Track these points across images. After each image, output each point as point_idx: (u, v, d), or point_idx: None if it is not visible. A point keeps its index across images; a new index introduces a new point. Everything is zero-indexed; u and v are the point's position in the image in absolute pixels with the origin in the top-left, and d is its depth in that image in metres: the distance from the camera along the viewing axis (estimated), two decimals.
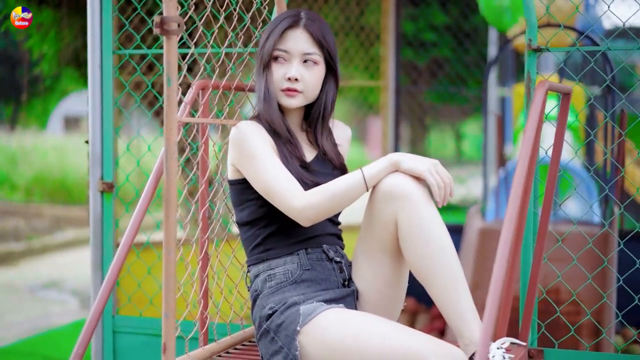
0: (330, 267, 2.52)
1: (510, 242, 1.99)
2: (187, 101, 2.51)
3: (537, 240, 2.62)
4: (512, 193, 2.05)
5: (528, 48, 2.68)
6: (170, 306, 2.24)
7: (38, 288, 8.79)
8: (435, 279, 2.33)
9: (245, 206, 2.54)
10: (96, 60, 3.12)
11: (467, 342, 2.29)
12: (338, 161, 2.65)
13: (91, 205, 3.16)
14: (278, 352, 2.37)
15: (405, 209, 2.34)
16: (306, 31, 2.56)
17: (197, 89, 2.58)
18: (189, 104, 2.51)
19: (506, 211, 2.02)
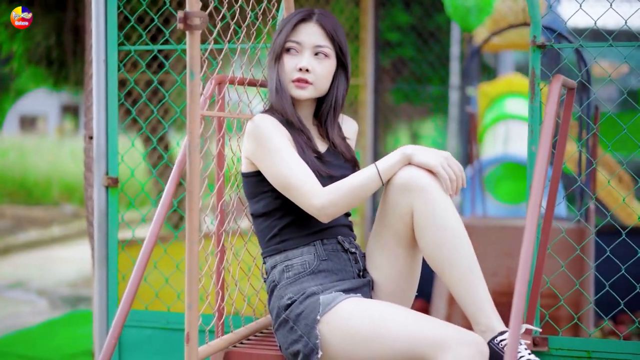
0: (345, 257, 2.58)
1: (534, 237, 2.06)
2: (207, 95, 2.55)
3: (542, 233, 2.69)
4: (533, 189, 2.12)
5: (532, 44, 2.75)
6: (194, 297, 2.28)
7: (3, 288, 8.73)
8: (452, 269, 2.40)
9: (261, 198, 2.59)
10: (101, 56, 3.14)
11: (484, 329, 2.35)
12: (349, 154, 2.70)
13: (96, 200, 3.18)
14: (297, 341, 2.42)
15: (421, 201, 2.40)
16: (318, 25, 2.61)
17: (216, 84, 2.61)
18: (208, 98, 2.55)
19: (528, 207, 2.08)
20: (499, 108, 10.01)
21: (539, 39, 2.75)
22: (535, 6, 2.74)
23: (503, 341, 2.31)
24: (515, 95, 10.02)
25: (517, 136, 9.43)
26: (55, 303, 8.03)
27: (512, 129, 9.59)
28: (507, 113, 9.86)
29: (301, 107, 2.67)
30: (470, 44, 11.18)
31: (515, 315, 1.92)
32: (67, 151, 18.06)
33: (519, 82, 10.28)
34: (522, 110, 9.94)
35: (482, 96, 10.22)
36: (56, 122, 26.58)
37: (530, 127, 2.76)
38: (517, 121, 9.58)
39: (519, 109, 9.85)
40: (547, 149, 2.20)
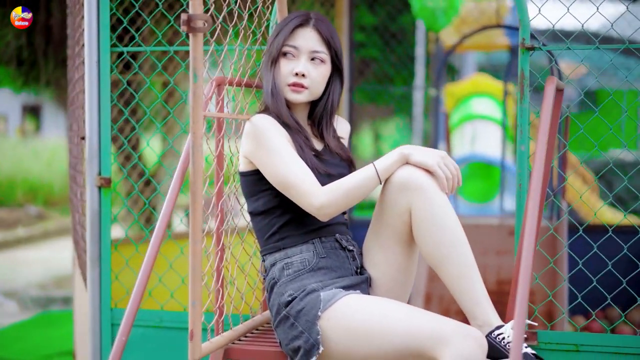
0: (343, 255, 2.64)
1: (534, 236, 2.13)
2: (208, 96, 2.59)
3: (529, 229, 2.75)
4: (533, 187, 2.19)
5: (522, 47, 2.82)
6: (197, 295, 2.33)
7: None
8: (449, 265, 2.46)
9: (260, 196, 2.63)
10: (93, 57, 3.17)
11: (481, 324, 2.42)
12: (345, 154, 2.76)
13: (88, 200, 3.20)
14: (298, 337, 2.47)
15: (420, 199, 2.47)
16: (315, 30, 2.67)
17: (216, 85, 2.65)
18: (209, 99, 2.59)
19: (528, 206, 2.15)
20: (466, 108, 10.15)
21: (528, 41, 2.82)
22: (524, 9, 2.82)
23: (500, 335, 2.38)
24: (481, 96, 10.16)
25: (483, 136, 9.57)
26: (25, 305, 7.99)
27: (478, 128, 9.74)
28: (473, 113, 9.99)
29: (296, 109, 2.72)
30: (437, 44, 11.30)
31: (520, 310, 1.99)
32: (29, 152, 17.92)
33: (485, 83, 10.42)
34: (488, 110, 10.08)
35: (449, 96, 10.34)
36: (16, 123, 26.32)
37: (519, 127, 2.83)
38: (484, 121, 9.73)
39: (485, 109, 9.99)
40: (544, 148, 2.27)
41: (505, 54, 12.87)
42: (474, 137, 9.68)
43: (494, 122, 9.94)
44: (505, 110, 9.67)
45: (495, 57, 15.58)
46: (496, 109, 10.12)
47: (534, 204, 2.15)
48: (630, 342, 2.84)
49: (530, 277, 2.05)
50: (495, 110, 10.11)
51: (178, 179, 2.46)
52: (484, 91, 10.19)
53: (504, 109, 8.08)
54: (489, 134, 9.65)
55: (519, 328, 1.99)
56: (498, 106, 10.07)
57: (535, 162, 2.24)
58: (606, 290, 3.02)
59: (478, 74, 11.49)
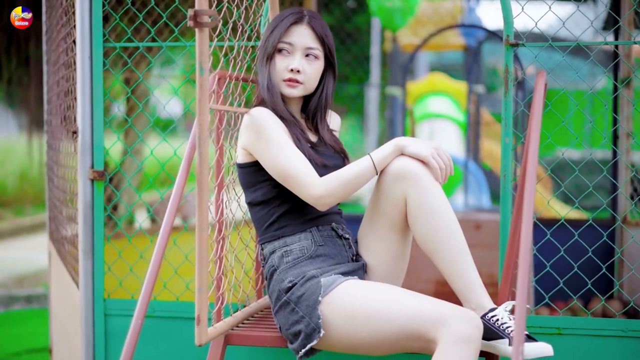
0: (340, 243, 2.74)
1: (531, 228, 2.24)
2: (211, 90, 2.67)
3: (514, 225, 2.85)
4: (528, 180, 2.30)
5: (506, 43, 2.94)
6: (204, 281, 2.41)
7: None
8: (443, 252, 2.58)
9: (259, 187, 2.72)
10: (86, 52, 3.22)
11: (475, 307, 2.54)
12: (338, 146, 2.86)
13: (81, 193, 3.25)
14: (299, 321, 2.56)
15: (415, 189, 2.58)
16: (310, 27, 2.77)
17: (216, 79, 2.73)
18: (212, 92, 2.67)
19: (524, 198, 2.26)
20: (423, 107, 10.32)
21: (511, 38, 2.94)
22: (508, 7, 2.94)
23: (494, 317, 2.50)
24: (438, 94, 10.35)
25: (441, 133, 9.75)
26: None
27: (436, 126, 9.92)
28: (431, 112, 10.16)
29: (290, 102, 2.82)
30: (394, 43, 11.47)
31: (521, 296, 2.10)
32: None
33: (442, 82, 10.61)
34: (445, 108, 10.27)
35: (409, 95, 10.51)
36: None
37: (503, 120, 2.95)
38: (441, 119, 9.92)
39: (442, 108, 10.18)
40: (537, 141, 2.39)
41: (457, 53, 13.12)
42: (432, 135, 9.85)
43: (451, 120, 10.13)
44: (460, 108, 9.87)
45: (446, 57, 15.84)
46: (453, 107, 10.31)
47: (530, 193, 2.26)
48: (610, 324, 2.98)
49: (528, 262, 2.16)
50: (452, 109, 10.30)
51: (184, 170, 2.54)
52: (440, 90, 10.38)
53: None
54: (446, 132, 9.83)
55: (520, 310, 2.10)
56: (454, 105, 10.27)
57: (530, 152, 2.35)
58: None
59: (434, 73, 11.68)
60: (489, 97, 13.62)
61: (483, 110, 10.25)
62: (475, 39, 10.51)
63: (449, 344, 2.36)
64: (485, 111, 11.00)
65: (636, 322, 2.96)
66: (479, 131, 9.36)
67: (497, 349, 2.48)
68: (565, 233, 3.33)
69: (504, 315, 2.50)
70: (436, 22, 11.18)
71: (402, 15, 9.18)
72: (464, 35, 10.69)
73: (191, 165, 2.59)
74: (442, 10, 11.39)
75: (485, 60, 12.83)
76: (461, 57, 12.65)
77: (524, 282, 2.14)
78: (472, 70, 9.82)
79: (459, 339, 2.36)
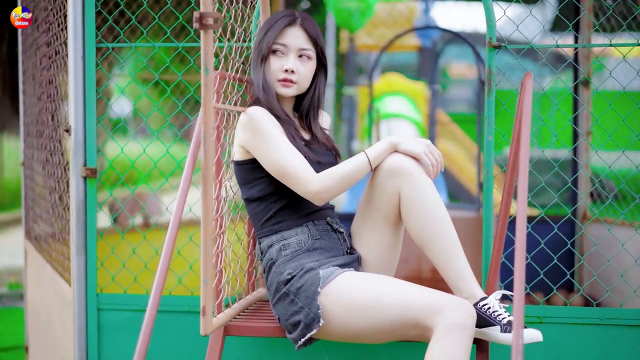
0: (335, 237, 2.85)
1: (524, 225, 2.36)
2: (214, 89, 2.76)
3: (501, 219, 2.98)
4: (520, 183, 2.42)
5: (488, 45, 3.08)
6: (209, 273, 2.51)
7: None
8: (435, 244, 2.70)
9: (256, 184, 2.82)
10: (78, 52, 3.29)
11: (466, 296, 2.67)
12: (330, 144, 2.97)
13: (73, 190, 3.32)
14: (298, 312, 2.67)
15: (408, 184, 2.70)
16: (302, 29, 2.88)
17: (220, 79, 2.82)
18: (215, 92, 2.76)
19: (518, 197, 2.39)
20: (380, 107, 10.46)
21: (494, 40, 3.08)
22: (490, 10, 3.07)
23: (486, 305, 2.63)
24: (394, 94, 10.51)
25: (398, 133, 9.90)
26: None
27: (393, 126, 10.07)
28: (388, 112, 10.31)
29: (283, 102, 2.93)
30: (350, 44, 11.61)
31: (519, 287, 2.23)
32: None
33: (398, 82, 10.77)
34: (401, 108, 10.43)
35: (363, 96, 10.65)
36: None
37: (487, 118, 3.09)
38: (398, 119, 10.08)
39: (399, 107, 10.34)
40: (528, 138, 2.52)
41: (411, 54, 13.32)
42: (389, 134, 9.99)
43: (408, 120, 10.29)
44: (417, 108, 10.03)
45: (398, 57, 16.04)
46: (409, 107, 10.48)
47: (523, 187, 2.39)
48: (588, 313, 3.14)
49: (524, 255, 2.29)
50: (408, 108, 10.47)
51: (189, 167, 2.63)
52: (397, 90, 10.54)
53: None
54: (404, 132, 9.98)
55: (518, 299, 2.23)
56: (411, 104, 10.44)
57: (521, 150, 2.48)
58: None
59: (391, 73, 11.85)
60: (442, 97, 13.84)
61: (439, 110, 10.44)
62: (430, 40, 10.69)
63: (445, 331, 2.48)
64: (441, 111, 11.20)
65: (613, 310, 3.12)
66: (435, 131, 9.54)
67: (488, 335, 2.61)
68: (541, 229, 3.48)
69: (495, 304, 2.63)
70: (390, 24, 11.36)
71: (360, 16, 9.31)
72: (420, 37, 10.88)
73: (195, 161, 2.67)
74: (396, 11, 11.57)
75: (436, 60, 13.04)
76: (414, 58, 12.84)
77: (521, 273, 2.26)
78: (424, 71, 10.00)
79: (454, 326, 2.48)
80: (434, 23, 11.53)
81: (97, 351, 3.35)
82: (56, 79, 3.76)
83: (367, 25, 10.98)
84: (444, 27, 7.74)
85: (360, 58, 11.60)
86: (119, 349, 3.36)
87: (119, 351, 3.36)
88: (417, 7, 11.43)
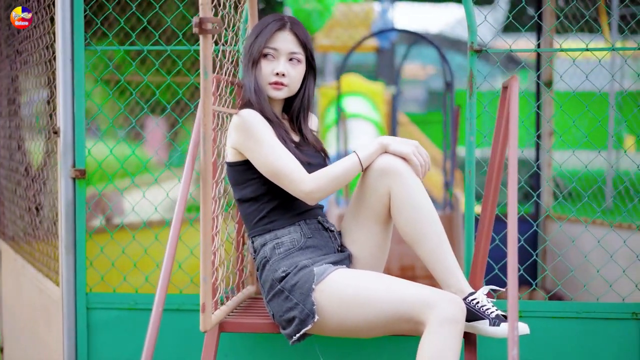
0: (326, 235, 2.94)
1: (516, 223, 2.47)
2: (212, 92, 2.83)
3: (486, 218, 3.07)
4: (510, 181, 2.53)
5: (470, 49, 3.19)
6: (208, 271, 2.59)
7: None
8: (424, 241, 2.80)
9: (248, 184, 2.90)
10: (67, 55, 3.33)
11: (455, 291, 2.77)
12: (319, 146, 3.06)
13: (62, 191, 3.36)
14: (293, 308, 2.75)
15: (398, 184, 2.80)
16: (292, 33, 2.96)
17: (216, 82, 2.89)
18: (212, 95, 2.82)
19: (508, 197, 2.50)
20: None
21: (476, 44, 3.19)
22: (472, 16, 3.18)
23: (474, 300, 2.73)
24: (353, 95, 10.60)
25: (357, 133, 9.99)
26: None
27: (352, 126, 10.14)
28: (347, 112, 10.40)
29: (273, 104, 3.01)
30: None
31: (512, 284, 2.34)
32: None
33: (357, 82, 10.87)
34: (360, 108, 10.53)
35: (322, 96, 10.74)
36: None
37: (468, 120, 3.20)
38: (357, 119, 10.17)
39: (358, 108, 10.44)
40: (516, 138, 2.63)
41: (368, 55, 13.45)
42: (348, 134, 10.08)
43: (368, 120, 10.39)
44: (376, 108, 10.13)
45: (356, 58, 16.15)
46: (368, 107, 10.58)
47: (513, 188, 2.50)
48: (565, 307, 3.27)
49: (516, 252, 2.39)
50: (367, 109, 10.57)
51: (189, 169, 2.69)
52: (355, 90, 10.64)
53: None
54: (362, 132, 10.08)
55: (512, 294, 2.34)
56: (369, 104, 10.54)
57: (510, 150, 2.58)
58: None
59: (349, 74, 11.95)
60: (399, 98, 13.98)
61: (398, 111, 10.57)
62: (388, 41, 10.82)
63: (438, 325, 2.59)
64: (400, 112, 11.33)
65: (589, 304, 3.26)
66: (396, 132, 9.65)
67: (477, 329, 2.72)
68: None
69: (483, 299, 2.74)
70: (346, 25, 11.47)
71: (319, 18, 9.40)
72: (377, 38, 10.99)
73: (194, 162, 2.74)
74: (352, 13, 11.68)
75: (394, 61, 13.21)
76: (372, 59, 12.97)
77: (514, 269, 2.37)
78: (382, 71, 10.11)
79: (446, 320, 2.59)
80: (392, 24, 11.66)
81: (86, 350, 3.40)
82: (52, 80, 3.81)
83: (325, 26, 11.07)
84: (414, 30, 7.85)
85: (318, 59, 11.64)
86: (109, 347, 3.41)
87: (108, 350, 3.42)
88: (374, 9, 11.55)
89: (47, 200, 3.94)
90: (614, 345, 3.26)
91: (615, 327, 3.25)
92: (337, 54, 13.46)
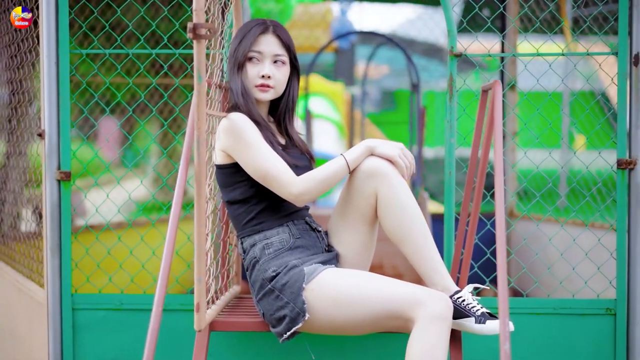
0: (314, 235, 3.01)
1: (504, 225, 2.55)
2: None
3: (472, 218, 3.15)
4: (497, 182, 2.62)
5: (450, 54, 3.28)
6: (202, 271, 2.64)
7: None
8: (411, 241, 2.88)
9: (237, 187, 2.96)
10: (52, 58, 3.35)
11: (441, 289, 2.85)
12: (305, 148, 3.13)
13: (48, 193, 3.39)
14: (284, 307, 2.82)
15: (385, 185, 2.88)
16: (275, 36, 3.03)
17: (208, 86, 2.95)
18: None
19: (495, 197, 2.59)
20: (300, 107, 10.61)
21: (455, 49, 3.28)
22: (451, 21, 3.27)
23: (460, 298, 2.82)
24: (314, 95, 10.67)
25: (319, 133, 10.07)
26: None
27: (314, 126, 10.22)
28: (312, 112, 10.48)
29: (259, 106, 3.07)
30: None
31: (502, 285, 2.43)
32: None
33: (318, 83, 10.95)
34: (321, 109, 10.61)
35: None
36: None
37: (448, 122, 3.29)
38: (318, 119, 10.24)
39: (319, 108, 10.52)
40: (501, 140, 2.72)
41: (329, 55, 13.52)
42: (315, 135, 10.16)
43: (329, 120, 10.47)
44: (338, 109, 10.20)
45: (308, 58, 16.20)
46: (329, 107, 10.66)
47: (500, 189, 2.59)
48: (543, 304, 3.38)
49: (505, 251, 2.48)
50: (328, 109, 10.65)
51: (183, 170, 2.74)
52: (317, 91, 10.71)
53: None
54: (324, 132, 10.17)
55: (503, 295, 2.43)
56: (330, 105, 10.63)
57: (496, 153, 2.67)
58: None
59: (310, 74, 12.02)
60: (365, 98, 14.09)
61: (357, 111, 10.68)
62: (347, 41, 10.91)
63: (426, 322, 2.67)
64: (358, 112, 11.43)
65: (565, 300, 3.38)
66: (354, 131, 9.76)
67: (463, 326, 2.80)
68: None
69: (469, 297, 2.83)
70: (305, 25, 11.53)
71: (280, 18, 9.47)
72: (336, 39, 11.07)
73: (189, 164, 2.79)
74: (310, 13, 11.75)
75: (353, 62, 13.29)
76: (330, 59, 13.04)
77: (503, 269, 2.46)
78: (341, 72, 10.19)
79: (434, 317, 2.67)
80: (350, 24, 11.75)
81: (72, 350, 3.43)
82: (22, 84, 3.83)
83: (286, 26, 11.14)
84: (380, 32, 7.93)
85: None
86: (94, 347, 3.44)
87: (93, 350, 3.45)
88: (332, 9, 11.63)
89: None
90: (589, 340, 3.37)
91: (590, 323, 3.37)
92: (298, 54, 13.50)
